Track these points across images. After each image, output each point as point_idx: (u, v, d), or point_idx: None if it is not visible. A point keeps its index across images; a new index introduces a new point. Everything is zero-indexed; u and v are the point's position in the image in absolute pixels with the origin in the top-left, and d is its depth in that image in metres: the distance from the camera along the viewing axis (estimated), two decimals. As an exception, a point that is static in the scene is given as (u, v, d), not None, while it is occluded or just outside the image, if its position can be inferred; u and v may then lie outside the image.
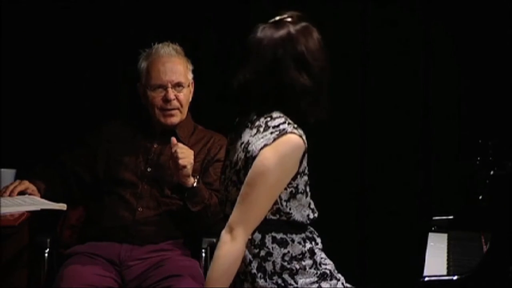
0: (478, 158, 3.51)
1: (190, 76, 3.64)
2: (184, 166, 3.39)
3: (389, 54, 4.30)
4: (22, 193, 3.47)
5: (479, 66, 4.22)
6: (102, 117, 3.94)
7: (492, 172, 2.83)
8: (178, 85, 3.58)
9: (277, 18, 2.75)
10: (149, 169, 3.57)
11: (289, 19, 2.73)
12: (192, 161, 3.42)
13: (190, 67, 3.65)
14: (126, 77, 4.17)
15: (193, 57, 3.72)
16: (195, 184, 3.44)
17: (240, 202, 2.64)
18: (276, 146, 2.63)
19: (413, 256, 3.45)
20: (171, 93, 3.57)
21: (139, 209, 3.51)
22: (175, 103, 3.57)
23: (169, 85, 3.57)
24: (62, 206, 3.41)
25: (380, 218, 4.29)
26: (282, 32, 2.70)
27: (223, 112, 4.37)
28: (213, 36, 4.35)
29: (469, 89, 4.25)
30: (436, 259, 3.08)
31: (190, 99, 3.65)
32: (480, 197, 3.40)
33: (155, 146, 3.60)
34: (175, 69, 3.59)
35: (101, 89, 4.34)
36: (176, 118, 3.60)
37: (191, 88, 3.65)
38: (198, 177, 3.47)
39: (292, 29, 2.70)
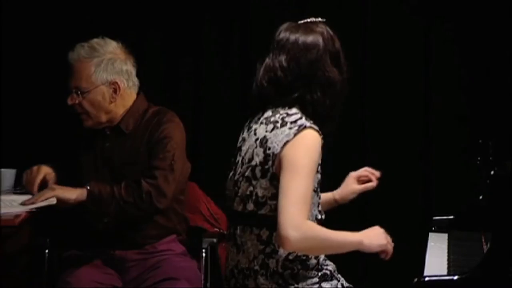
0: (478, 158, 3.50)
1: (101, 79, 3.42)
2: None
3: (389, 53, 4.30)
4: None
5: (479, 66, 4.22)
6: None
7: (492, 172, 2.83)
8: (77, 90, 3.44)
9: (309, 20, 2.83)
10: (106, 169, 3.47)
11: (322, 22, 2.82)
12: None
13: (113, 69, 3.44)
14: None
15: (193, 56, 3.70)
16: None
17: (284, 197, 2.59)
18: (298, 141, 2.66)
19: (413, 256, 3.44)
20: (70, 98, 3.45)
21: None
22: (77, 107, 3.45)
23: (73, 90, 3.46)
24: (51, 201, 3.35)
25: (380, 218, 4.28)
26: (321, 30, 2.79)
27: (224, 112, 4.42)
28: (213, 35, 4.36)
29: (469, 89, 4.25)
30: (436, 259, 3.08)
31: (112, 102, 3.44)
32: (480, 197, 3.40)
33: (107, 144, 3.50)
34: (75, 74, 3.45)
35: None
36: (87, 122, 3.46)
37: (111, 91, 3.44)
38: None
39: (329, 29, 2.81)
